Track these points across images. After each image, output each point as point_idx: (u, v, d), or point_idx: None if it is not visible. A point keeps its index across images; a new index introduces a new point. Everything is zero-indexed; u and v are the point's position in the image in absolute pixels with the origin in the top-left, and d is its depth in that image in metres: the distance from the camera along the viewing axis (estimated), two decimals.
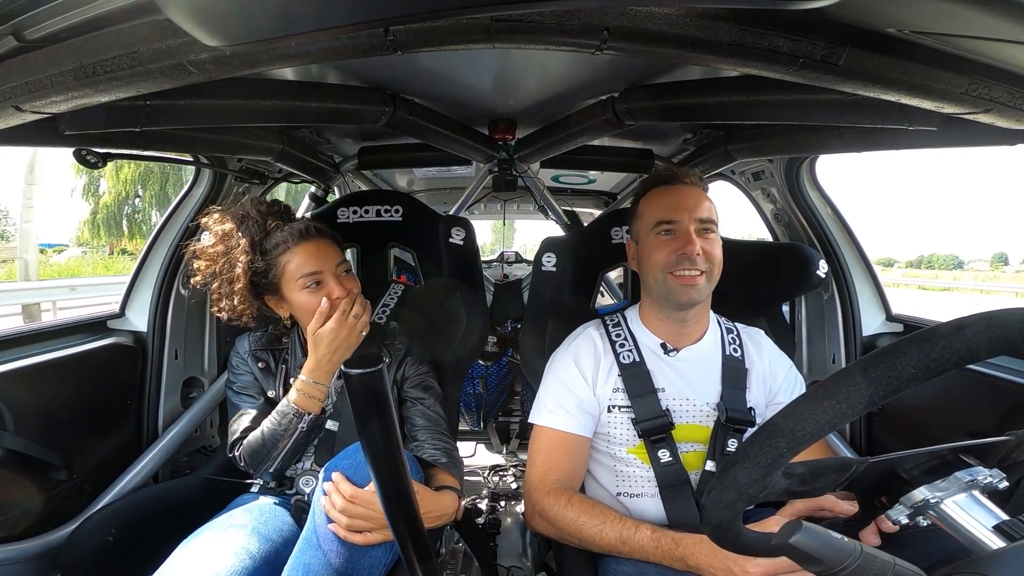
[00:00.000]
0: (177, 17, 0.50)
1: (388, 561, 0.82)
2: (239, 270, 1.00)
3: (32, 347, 1.13)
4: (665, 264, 0.95)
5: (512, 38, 0.62)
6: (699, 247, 0.93)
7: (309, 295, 1.01)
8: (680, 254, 0.94)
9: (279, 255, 1.02)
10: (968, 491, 0.51)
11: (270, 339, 1.14)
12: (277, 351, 1.13)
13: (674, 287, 0.95)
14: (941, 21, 0.54)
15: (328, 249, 1.05)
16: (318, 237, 1.05)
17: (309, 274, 1.01)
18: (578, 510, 0.87)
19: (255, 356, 1.12)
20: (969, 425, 1.10)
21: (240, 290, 1.01)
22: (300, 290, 1.01)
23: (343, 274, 1.05)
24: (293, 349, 1.13)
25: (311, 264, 1.01)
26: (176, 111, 0.89)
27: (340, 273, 1.04)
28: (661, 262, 0.96)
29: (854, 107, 0.84)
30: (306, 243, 1.03)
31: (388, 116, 1.10)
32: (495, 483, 2.14)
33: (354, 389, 0.54)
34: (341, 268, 1.05)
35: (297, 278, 1.01)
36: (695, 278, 0.94)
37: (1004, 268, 52.38)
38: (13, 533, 1.01)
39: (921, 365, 0.40)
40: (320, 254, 1.03)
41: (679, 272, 0.94)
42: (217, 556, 0.82)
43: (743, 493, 0.45)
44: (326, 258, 1.03)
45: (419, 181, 2.35)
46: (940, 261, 60.60)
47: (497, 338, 2.01)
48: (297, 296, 1.02)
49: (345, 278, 1.05)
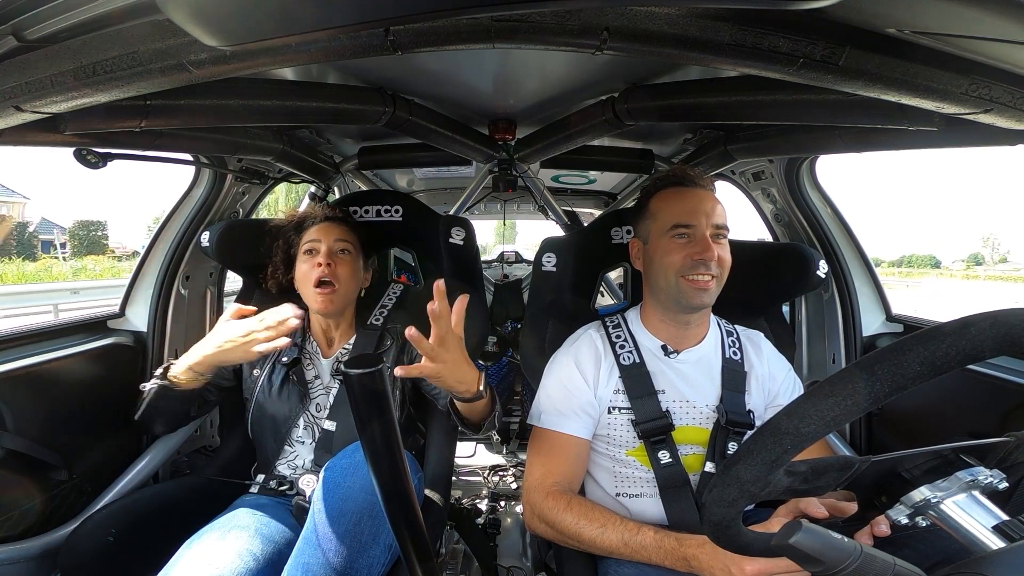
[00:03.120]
0: (177, 17, 0.50)
1: (387, 561, 0.82)
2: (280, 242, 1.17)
3: (32, 347, 1.13)
4: (680, 268, 0.94)
5: (512, 38, 0.62)
6: (716, 253, 0.93)
7: (303, 262, 1.11)
8: (697, 259, 0.93)
9: (304, 231, 1.14)
10: (968, 491, 0.51)
11: None
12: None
13: (686, 290, 0.95)
14: (941, 21, 0.54)
15: (337, 229, 1.14)
16: (337, 222, 1.15)
17: (308, 242, 1.12)
18: (578, 513, 0.87)
19: None
20: (969, 425, 1.10)
21: (277, 260, 1.16)
22: (301, 258, 1.12)
23: (338, 252, 1.12)
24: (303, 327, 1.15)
25: (313, 235, 1.12)
26: (176, 111, 0.89)
27: (335, 249, 1.12)
28: (676, 265, 0.95)
29: (854, 107, 0.84)
30: (323, 222, 1.14)
31: (388, 116, 1.10)
32: (495, 483, 2.14)
33: (354, 389, 0.54)
34: (338, 245, 1.12)
35: (302, 249, 1.13)
36: (708, 283, 0.94)
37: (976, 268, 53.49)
38: (13, 533, 1.01)
39: (927, 362, 0.40)
40: (326, 230, 1.13)
41: (692, 276, 0.94)
42: (220, 557, 0.82)
43: (745, 490, 0.45)
44: (328, 233, 1.13)
45: (419, 181, 2.35)
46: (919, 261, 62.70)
47: (497, 338, 2.01)
48: (299, 267, 1.12)
49: (338, 256, 1.11)
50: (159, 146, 1.07)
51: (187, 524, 0.93)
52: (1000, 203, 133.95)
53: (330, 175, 1.66)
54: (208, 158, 1.35)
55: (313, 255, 1.10)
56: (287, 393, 1.09)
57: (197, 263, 1.46)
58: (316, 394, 1.11)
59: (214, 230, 1.30)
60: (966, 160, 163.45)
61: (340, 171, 1.67)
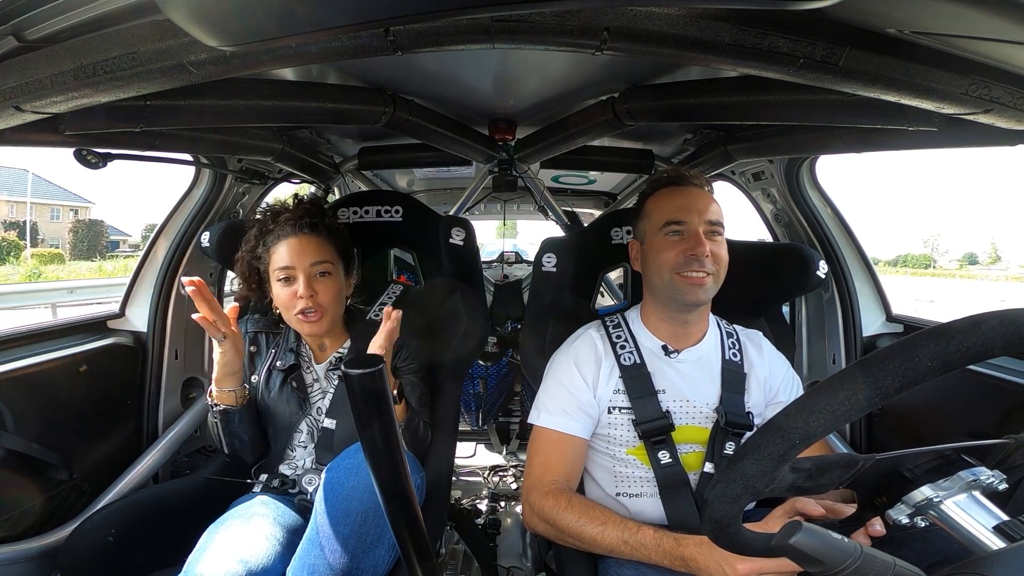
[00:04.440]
0: (177, 17, 0.50)
1: (391, 559, 0.83)
2: (241, 252, 1.09)
3: (32, 347, 1.13)
4: (674, 264, 0.95)
5: (512, 38, 0.62)
6: (708, 248, 0.93)
7: (280, 288, 1.05)
8: (689, 255, 0.93)
9: (271, 245, 1.06)
10: (969, 491, 0.51)
11: (269, 323, 1.15)
12: (272, 335, 1.14)
13: (681, 287, 0.95)
14: (941, 21, 0.54)
15: (310, 246, 1.04)
16: (309, 233, 1.05)
17: (282, 268, 1.03)
18: (578, 511, 0.87)
19: (250, 339, 1.13)
20: (969, 425, 1.10)
21: (240, 270, 1.10)
22: (275, 282, 1.05)
23: (317, 275, 1.04)
24: (286, 335, 1.14)
25: (285, 259, 1.03)
26: (176, 111, 0.89)
27: (314, 273, 1.03)
28: (669, 262, 0.95)
29: (854, 107, 0.84)
30: (292, 238, 1.04)
31: (388, 116, 1.10)
32: (495, 483, 2.14)
33: (354, 389, 0.54)
34: (316, 268, 1.04)
35: (274, 270, 1.05)
36: (703, 279, 0.94)
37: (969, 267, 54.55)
38: (13, 533, 1.01)
39: (938, 359, 0.40)
40: (299, 251, 1.03)
41: (687, 272, 0.94)
42: (248, 541, 0.84)
43: (750, 486, 0.45)
44: (303, 255, 1.03)
45: (419, 181, 2.35)
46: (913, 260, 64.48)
47: (497, 338, 2.01)
48: (275, 287, 1.06)
49: (318, 281, 1.04)
50: (159, 146, 1.07)
51: (187, 524, 0.93)
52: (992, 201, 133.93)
53: (330, 175, 1.66)
54: (208, 158, 1.35)
55: (290, 284, 1.03)
56: (287, 397, 1.09)
57: (197, 263, 1.46)
58: (315, 398, 1.11)
59: (214, 230, 1.30)
60: (966, 160, 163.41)
61: (340, 171, 1.67)
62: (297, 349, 1.13)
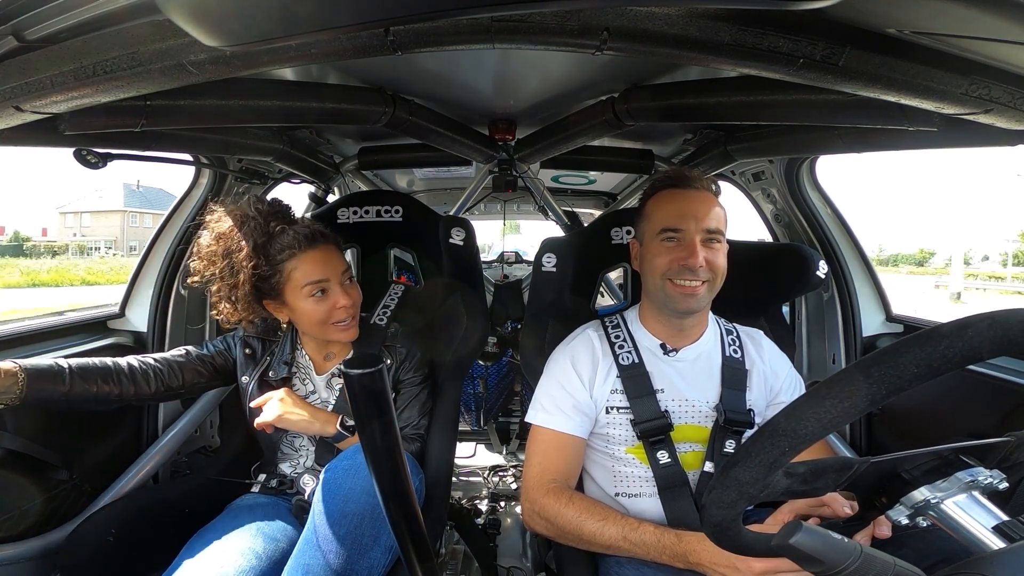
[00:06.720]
0: (177, 17, 0.50)
1: (388, 562, 0.82)
2: (243, 276, 0.97)
3: (32, 347, 1.13)
4: (666, 271, 0.95)
5: (512, 38, 0.62)
6: (702, 258, 0.92)
7: (315, 303, 1.00)
8: (682, 264, 0.93)
9: (285, 260, 0.99)
10: (968, 492, 0.51)
11: (266, 329, 1.13)
12: (268, 341, 1.13)
13: (673, 294, 0.95)
14: (941, 21, 0.54)
15: (334, 256, 1.04)
16: (325, 243, 1.03)
17: (315, 282, 0.99)
18: (579, 508, 0.87)
19: (245, 341, 1.11)
20: (969, 426, 1.10)
21: (243, 296, 0.99)
22: (306, 298, 1.00)
23: (347, 282, 1.04)
24: (283, 345, 1.12)
25: (318, 272, 1.00)
26: (176, 111, 0.89)
27: (344, 281, 1.04)
28: (662, 268, 0.95)
29: (854, 107, 0.84)
30: (313, 250, 1.00)
31: (388, 116, 1.10)
32: (495, 483, 2.14)
33: (354, 389, 0.54)
34: (346, 276, 1.04)
35: (303, 285, 0.99)
36: (695, 288, 0.94)
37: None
38: (13, 533, 1.01)
39: (924, 364, 0.40)
40: (327, 261, 1.02)
41: (678, 281, 0.94)
42: (225, 556, 0.82)
43: (744, 492, 0.45)
44: (333, 265, 1.02)
45: (419, 181, 2.35)
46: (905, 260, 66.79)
47: (497, 338, 2.00)
48: (302, 304, 1.00)
49: (349, 286, 1.05)
50: (159, 146, 1.07)
51: (187, 524, 0.93)
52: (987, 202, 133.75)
53: (330, 175, 1.66)
54: (208, 158, 1.35)
55: (326, 296, 1.00)
56: None
57: None
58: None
59: None
60: (966, 160, 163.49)
61: (340, 171, 1.67)
62: (292, 360, 1.11)
